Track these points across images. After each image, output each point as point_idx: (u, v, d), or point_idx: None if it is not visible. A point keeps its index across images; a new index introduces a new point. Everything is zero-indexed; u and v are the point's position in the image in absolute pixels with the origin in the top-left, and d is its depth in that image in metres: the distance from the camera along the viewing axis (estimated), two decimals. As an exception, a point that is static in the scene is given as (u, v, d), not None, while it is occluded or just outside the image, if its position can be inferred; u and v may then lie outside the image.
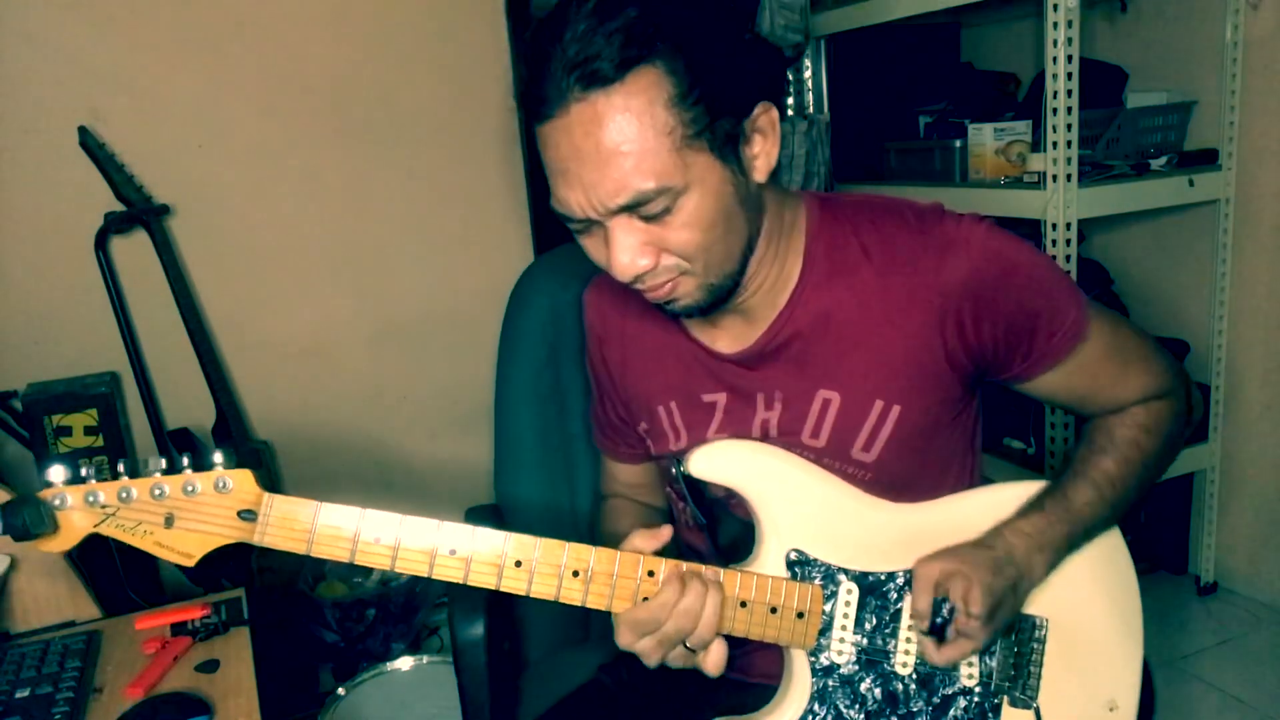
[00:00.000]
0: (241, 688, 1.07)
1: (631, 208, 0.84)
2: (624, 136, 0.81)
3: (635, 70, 0.80)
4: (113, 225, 2.11)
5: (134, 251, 2.19)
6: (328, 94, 2.37)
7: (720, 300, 0.94)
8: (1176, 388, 1.05)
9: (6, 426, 2.08)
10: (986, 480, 1.09)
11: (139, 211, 2.12)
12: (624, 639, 0.91)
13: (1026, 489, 1.02)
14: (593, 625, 1.39)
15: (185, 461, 0.84)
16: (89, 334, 2.20)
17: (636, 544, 0.91)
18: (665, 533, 0.92)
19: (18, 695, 1.04)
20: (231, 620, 1.20)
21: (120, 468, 0.83)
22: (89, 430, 2.04)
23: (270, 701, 1.05)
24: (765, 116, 0.89)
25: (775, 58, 0.93)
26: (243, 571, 2.06)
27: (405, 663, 1.86)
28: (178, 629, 1.18)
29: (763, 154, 0.90)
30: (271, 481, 2.36)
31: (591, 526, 1.29)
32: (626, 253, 0.87)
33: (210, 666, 1.12)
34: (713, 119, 0.84)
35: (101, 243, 2.09)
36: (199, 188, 2.28)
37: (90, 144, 2.05)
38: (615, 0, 0.81)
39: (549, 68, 0.82)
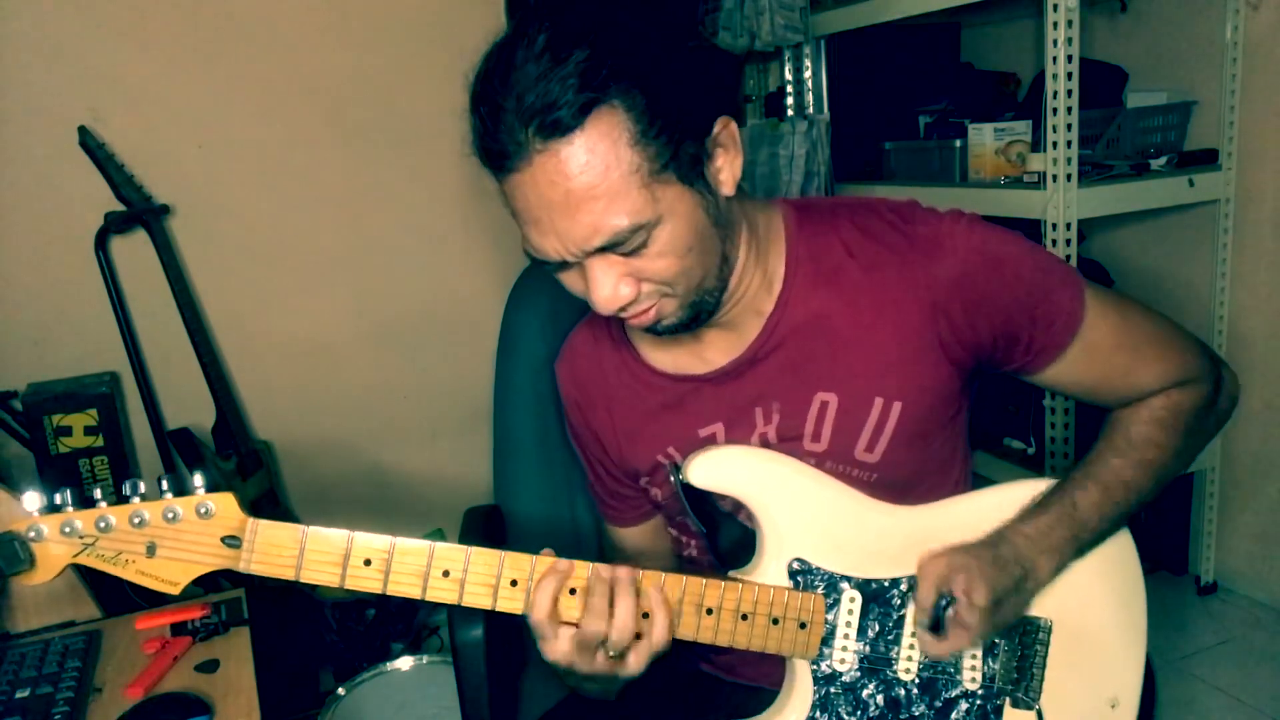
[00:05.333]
0: (241, 688, 1.07)
1: (607, 248, 0.84)
2: (591, 182, 0.80)
3: (594, 113, 0.79)
4: (113, 225, 2.11)
5: (134, 251, 2.20)
6: (328, 94, 2.38)
7: (705, 315, 0.94)
8: (1202, 374, 1.01)
9: (6, 426, 2.08)
10: (983, 480, 1.08)
11: (139, 211, 2.12)
12: None
13: (1032, 488, 1.01)
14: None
15: (164, 486, 0.81)
16: (89, 334, 2.20)
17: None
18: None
19: (18, 695, 1.04)
20: (231, 620, 1.20)
21: (98, 494, 0.79)
22: (89, 430, 2.04)
23: (270, 701, 1.05)
24: (725, 131, 0.88)
25: (726, 64, 0.92)
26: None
27: (405, 663, 1.86)
28: (178, 629, 1.18)
29: (726, 167, 0.89)
30: (272, 482, 2.36)
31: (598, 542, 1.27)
32: (607, 288, 0.86)
33: (210, 666, 1.12)
34: (676, 147, 0.83)
35: (101, 243, 2.10)
36: (199, 188, 2.28)
37: (90, 144, 2.05)
38: (564, 38, 0.79)
39: (502, 119, 0.80)
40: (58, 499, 0.79)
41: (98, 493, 0.80)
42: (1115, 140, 2.21)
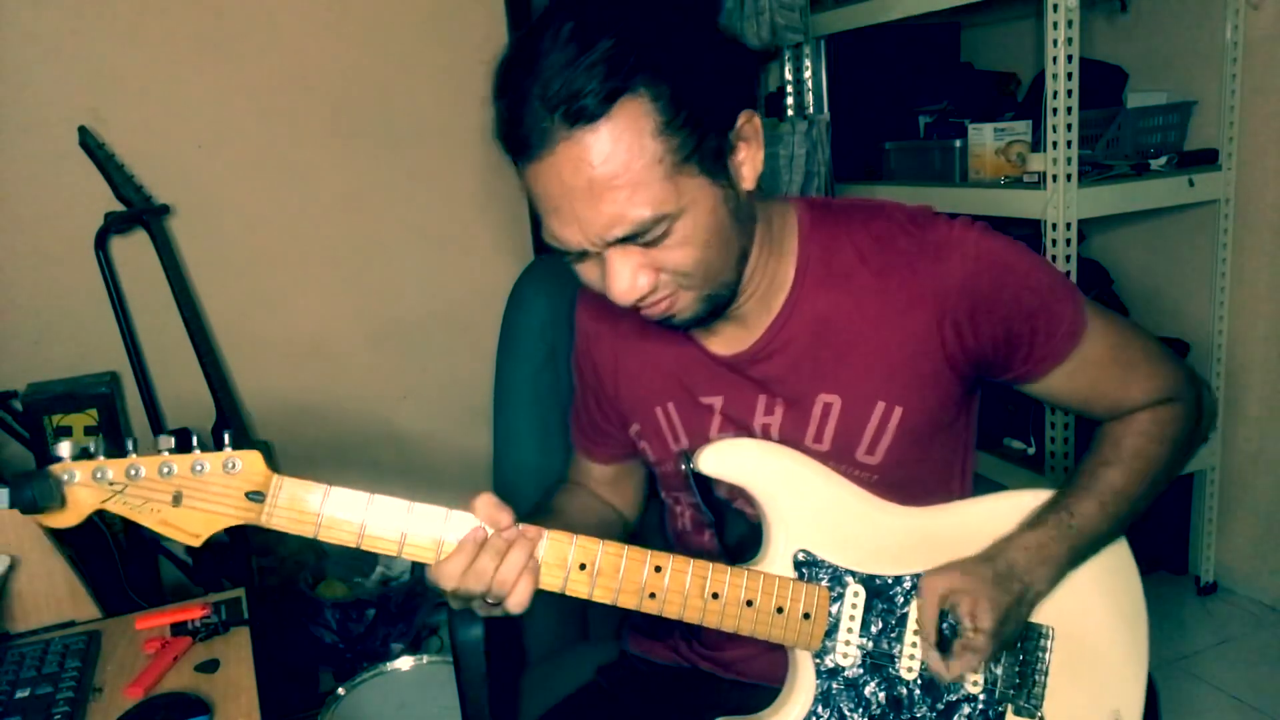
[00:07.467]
0: (241, 688, 1.07)
1: (628, 239, 0.84)
2: (615, 171, 0.80)
3: (619, 103, 0.79)
4: (113, 225, 2.11)
5: (134, 251, 2.20)
6: (328, 94, 2.38)
7: (719, 310, 0.94)
8: (1185, 392, 1.04)
9: (6, 426, 2.08)
10: (984, 479, 1.08)
11: (139, 211, 2.12)
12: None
13: (1036, 497, 1.02)
14: (592, 626, 1.39)
15: (194, 441, 0.83)
16: (89, 334, 2.20)
17: (479, 504, 0.89)
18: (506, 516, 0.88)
19: (18, 695, 1.04)
20: (231, 620, 1.20)
21: (130, 445, 0.82)
22: (89, 430, 2.04)
23: (270, 701, 1.05)
24: (749, 124, 0.89)
25: (748, 58, 0.92)
26: (243, 571, 2.06)
27: (405, 663, 1.86)
28: (178, 629, 1.18)
29: (748, 160, 0.90)
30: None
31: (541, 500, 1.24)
32: (625, 279, 0.86)
33: (210, 666, 1.12)
34: (700, 139, 0.83)
35: (101, 243, 2.10)
36: (199, 188, 2.28)
37: (90, 144, 2.05)
38: (591, 28, 0.79)
39: (528, 106, 0.80)
40: (91, 447, 0.82)
41: (129, 443, 0.82)
42: (1115, 140, 2.21)
